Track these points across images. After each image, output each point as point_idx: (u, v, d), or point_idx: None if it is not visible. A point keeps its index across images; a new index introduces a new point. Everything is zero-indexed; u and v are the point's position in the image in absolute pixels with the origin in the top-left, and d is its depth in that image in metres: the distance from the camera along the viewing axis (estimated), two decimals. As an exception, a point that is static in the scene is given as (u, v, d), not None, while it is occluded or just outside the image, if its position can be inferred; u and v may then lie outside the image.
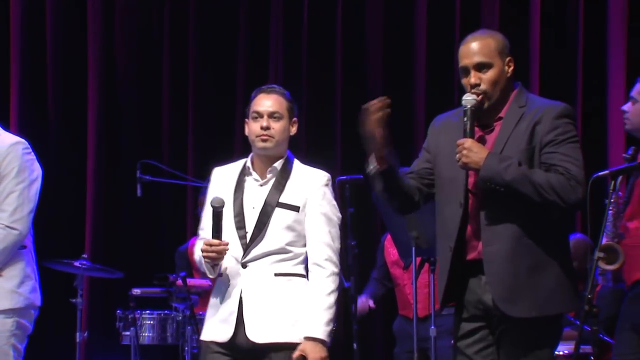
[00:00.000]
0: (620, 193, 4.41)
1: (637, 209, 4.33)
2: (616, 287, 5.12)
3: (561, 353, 5.10)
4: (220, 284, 3.87)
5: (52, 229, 7.17)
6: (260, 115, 3.90)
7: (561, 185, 3.34)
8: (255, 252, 3.82)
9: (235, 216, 3.85)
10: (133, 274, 6.38)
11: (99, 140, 7.27)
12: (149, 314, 6.10)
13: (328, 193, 3.93)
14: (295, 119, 3.98)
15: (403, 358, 5.68)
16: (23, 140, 4.26)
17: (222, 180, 3.95)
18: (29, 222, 4.25)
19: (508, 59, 3.52)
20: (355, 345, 5.60)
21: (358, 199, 5.94)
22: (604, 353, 5.15)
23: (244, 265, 3.82)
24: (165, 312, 6.19)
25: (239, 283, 3.81)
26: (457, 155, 3.44)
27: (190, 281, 5.98)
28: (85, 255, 5.95)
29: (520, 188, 3.36)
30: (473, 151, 3.41)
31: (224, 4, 7.41)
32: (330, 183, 3.98)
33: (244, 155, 7.82)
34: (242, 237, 3.83)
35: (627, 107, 4.48)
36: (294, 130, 3.97)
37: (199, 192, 6.35)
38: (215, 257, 3.75)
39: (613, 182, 3.84)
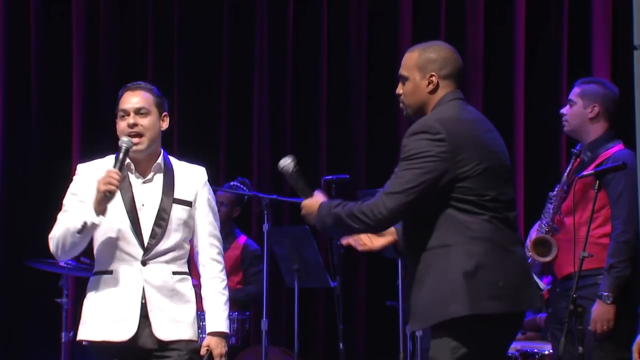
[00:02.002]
0: (565, 187, 4.51)
1: (575, 204, 4.41)
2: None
3: (547, 352, 5.12)
4: (108, 282, 3.78)
5: (37, 229, 7.15)
6: (126, 112, 3.86)
7: (366, 211, 3.41)
8: (155, 249, 3.78)
9: (128, 212, 3.78)
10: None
11: (83, 141, 7.26)
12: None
13: (210, 187, 3.97)
14: (165, 113, 3.92)
15: None
16: None
17: (94, 177, 3.82)
18: None
19: (430, 74, 3.53)
20: (341, 345, 5.61)
21: (344, 198, 5.94)
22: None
23: (143, 263, 3.76)
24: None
25: (138, 281, 3.75)
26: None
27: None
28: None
29: (341, 228, 3.48)
30: (309, 210, 3.59)
31: (208, 8, 7.40)
32: None
33: (229, 155, 7.82)
34: (138, 234, 3.77)
35: (565, 110, 4.63)
36: (164, 125, 3.91)
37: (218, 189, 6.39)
38: (118, 185, 3.66)
39: (597, 182, 3.88)
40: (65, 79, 7.30)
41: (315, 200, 3.58)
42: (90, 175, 3.85)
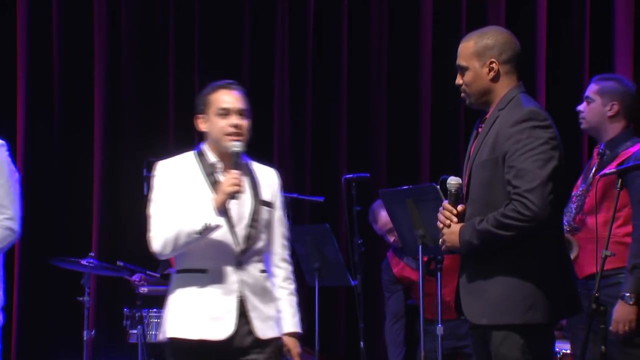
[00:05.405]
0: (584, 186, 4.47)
1: (597, 204, 4.35)
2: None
3: (569, 351, 5.10)
4: (203, 280, 3.77)
5: (59, 228, 7.19)
6: (227, 112, 3.85)
7: (513, 214, 3.34)
8: (251, 250, 3.80)
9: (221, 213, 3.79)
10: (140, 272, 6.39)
11: (105, 139, 7.28)
12: (155, 312, 6.11)
13: None
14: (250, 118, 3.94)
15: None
16: (2, 141, 4.34)
17: (179, 175, 3.83)
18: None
19: (490, 61, 3.53)
20: (362, 344, 5.61)
21: (364, 197, 5.95)
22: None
23: (238, 263, 3.78)
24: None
25: (235, 281, 3.76)
26: (440, 241, 3.55)
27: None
28: (92, 254, 5.97)
29: (490, 243, 3.39)
30: (450, 231, 3.50)
31: (229, 3, 7.41)
32: None
33: (250, 154, 7.83)
34: (234, 235, 3.78)
35: (582, 107, 4.57)
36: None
37: None
38: (242, 186, 3.71)
39: (620, 180, 3.85)
40: (87, 78, 7.32)
41: (453, 228, 3.49)
42: (172, 171, 3.85)
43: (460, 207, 3.49)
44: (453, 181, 3.53)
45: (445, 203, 3.53)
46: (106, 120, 7.30)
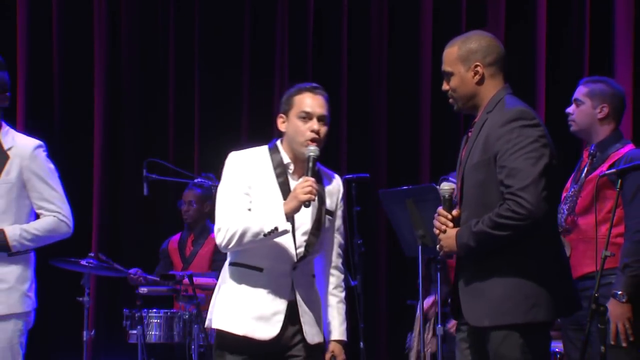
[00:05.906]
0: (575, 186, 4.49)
1: (589, 204, 4.37)
2: None
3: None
4: (257, 279, 3.73)
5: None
6: (310, 116, 3.76)
7: (508, 214, 3.33)
8: (308, 256, 3.78)
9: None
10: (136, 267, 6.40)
11: (105, 139, 7.29)
12: (155, 312, 6.12)
13: None
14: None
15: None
16: (40, 142, 4.40)
17: (250, 169, 3.78)
18: None
19: (474, 64, 3.54)
20: (361, 344, 5.61)
21: (364, 197, 5.95)
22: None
23: (294, 267, 3.75)
24: (172, 310, 6.21)
25: (288, 284, 3.74)
26: (437, 247, 3.54)
27: (197, 280, 6.00)
28: (92, 254, 5.97)
29: (487, 244, 3.38)
30: (447, 236, 3.49)
31: (229, 3, 7.42)
32: None
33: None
34: (294, 238, 3.74)
35: (571, 109, 4.58)
36: None
37: (186, 187, 6.43)
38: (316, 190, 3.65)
39: (620, 181, 3.85)
40: (87, 78, 7.32)
41: (450, 233, 3.48)
42: (244, 164, 3.79)
43: (455, 212, 3.49)
44: (446, 186, 3.53)
45: (440, 209, 3.52)
46: (106, 121, 7.31)
